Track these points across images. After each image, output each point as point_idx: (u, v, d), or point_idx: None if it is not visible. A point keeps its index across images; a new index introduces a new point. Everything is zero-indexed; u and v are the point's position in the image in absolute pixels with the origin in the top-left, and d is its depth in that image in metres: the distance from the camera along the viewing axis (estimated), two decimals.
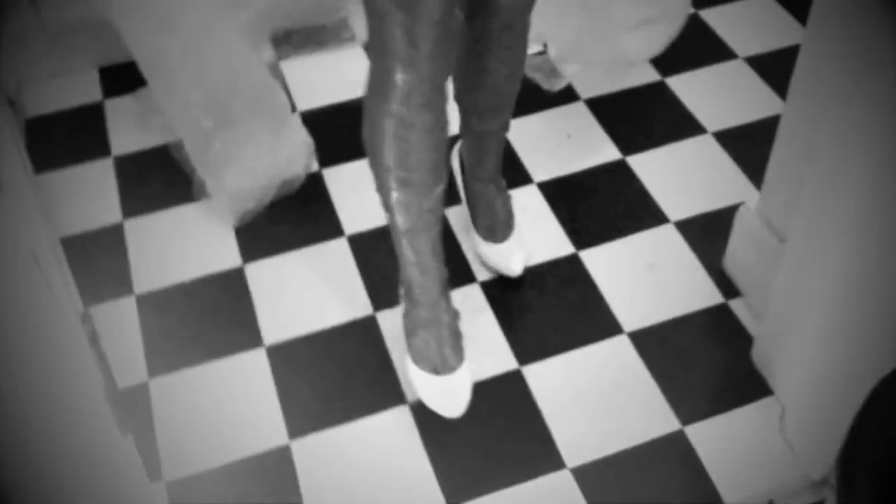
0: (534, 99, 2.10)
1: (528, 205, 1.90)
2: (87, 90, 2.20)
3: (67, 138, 2.09)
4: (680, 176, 1.95)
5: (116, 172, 2.00)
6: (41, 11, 2.10)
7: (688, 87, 2.12)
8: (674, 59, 2.18)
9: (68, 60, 2.22)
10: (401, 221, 1.47)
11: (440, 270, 1.54)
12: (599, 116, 2.06)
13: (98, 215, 1.92)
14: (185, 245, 1.86)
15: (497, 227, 1.76)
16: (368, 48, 1.36)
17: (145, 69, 1.85)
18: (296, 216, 1.89)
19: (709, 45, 2.23)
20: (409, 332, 1.57)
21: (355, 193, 1.92)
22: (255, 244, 1.85)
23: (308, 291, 1.76)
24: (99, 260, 1.84)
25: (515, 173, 1.95)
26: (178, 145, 1.97)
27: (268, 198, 1.90)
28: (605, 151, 1.99)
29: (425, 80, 1.29)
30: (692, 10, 2.29)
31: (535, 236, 1.84)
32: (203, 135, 1.83)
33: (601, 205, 1.89)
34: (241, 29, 1.96)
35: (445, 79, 1.34)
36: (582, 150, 2.00)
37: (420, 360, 1.56)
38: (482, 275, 1.78)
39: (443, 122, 1.38)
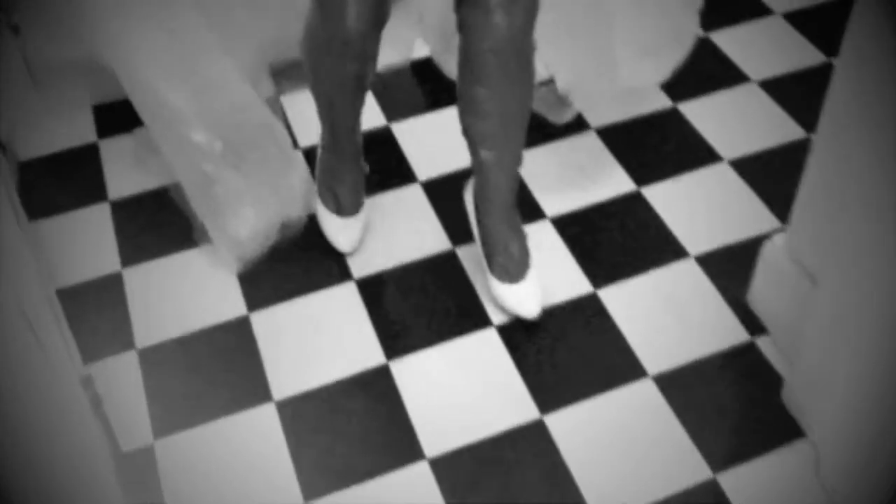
0: (542, 130, 2.04)
1: (541, 241, 1.83)
2: (81, 130, 2.12)
3: (62, 182, 2.01)
4: (697, 206, 1.88)
5: (114, 217, 1.93)
6: (27, 50, 2.03)
7: (701, 114, 2.06)
8: (685, 84, 2.12)
9: (61, 99, 2.15)
10: (321, 113, 1.70)
11: (355, 140, 1.75)
12: (611, 146, 2.00)
13: (96, 264, 1.85)
14: (187, 293, 1.79)
15: (512, 267, 1.70)
16: None
17: (141, 110, 1.78)
18: (300, 259, 1.82)
19: (720, 68, 2.17)
20: (321, 178, 1.81)
21: (362, 235, 1.86)
22: (260, 291, 1.78)
23: (317, 341, 1.69)
24: (98, 312, 1.77)
25: (527, 208, 1.88)
26: (178, 187, 1.90)
27: (270, 240, 1.83)
28: (619, 183, 1.93)
29: (354, 36, 1.48)
30: (701, 33, 2.23)
31: (550, 274, 1.77)
32: (203, 177, 1.77)
33: (618, 239, 1.83)
34: (240, 64, 1.89)
35: (369, 36, 1.50)
36: (595, 182, 1.93)
37: (326, 201, 1.82)
38: (498, 318, 1.71)
39: (367, 61, 1.55)
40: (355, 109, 1.68)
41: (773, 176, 1.92)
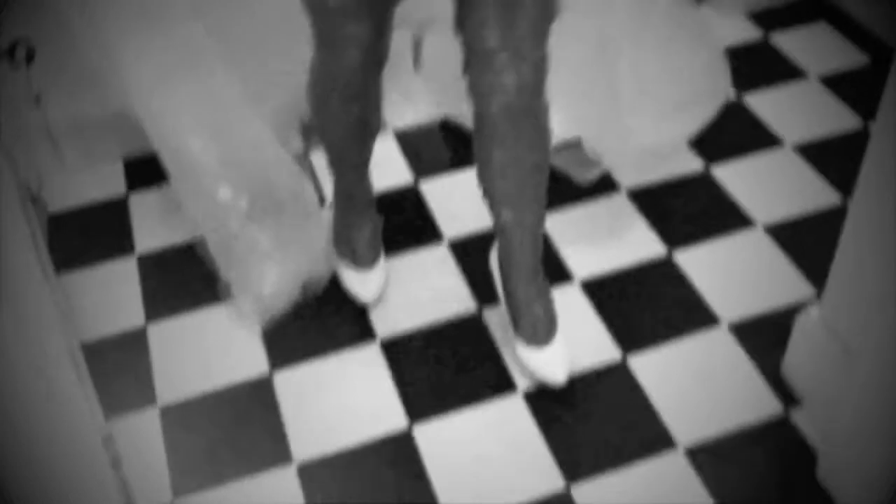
0: (571, 190, 2.02)
1: (569, 305, 1.80)
2: (111, 183, 2.14)
3: (90, 235, 2.02)
4: (730, 273, 1.84)
5: (140, 272, 1.93)
6: (48, 117, 2.05)
7: (734, 177, 2.03)
8: (717, 146, 2.09)
9: (91, 153, 2.17)
10: (331, 165, 1.72)
11: (367, 190, 1.78)
12: (641, 208, 1.97)
13: (120, 319, 1.84)
14: (210, 350, 1.77)
15: (538, 330, 1.66)
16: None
17: (168, 165, 1.79)
18: (324, 317, 1.80)
19: (753, 131, 2.14)
20: (336, 229, 1.82)
21: (387, 295, 1.84)
22: (282, 349, 1.76)
23: (340, 403, 1.66)
24: (121, 368, 1.75)
25: (554, 270, 1.86)
26: (204, 242, 1.90)
27: (294, 298, 1.81)
28: (649, 246, 1.90)
29: (353, 79, 1.51)
30: (733, 94, 2.21)
31: (578, 339, 1.73)
32: (227, 234, 1.76)
33: (648, 305, 1.79)
34: (268, 120, 1.90)
35: (373, 76, 1.53)
36: (625, 245, 1.90)
37: (343, 255, 1.82)
38: (523, 383, 1.68)
39: (371, 109, 1.59)
40: (363, 157, 1.69)
41: (808, 243, 1.88)
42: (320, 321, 1.80)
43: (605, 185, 2.03)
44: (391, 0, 1.45)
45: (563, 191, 2.01)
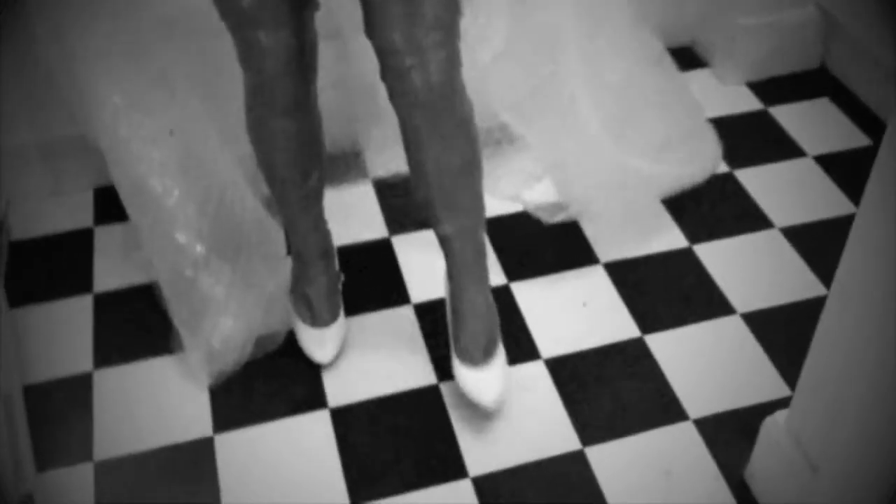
0: (547, 258, 1.94)
1: (532, 384, 1.72)
2: (79, 213, 2.08)
3: (50, 267, 1.96)
4: (703, 364, 1.75)
5: (95, 312, 1.86)
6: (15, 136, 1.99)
7: (717, 257, 1.95)
8: (702, 224, 2.01)
9: (62, 180, 2.11)
10: (279, 207, 1.67)
11: (321, 240, 1.71)
12: (618, 283, 1.90)
13: (69, 361, 1.77)
14: (155, 405, 1.70)
15: (474, 349, 1.61)
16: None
17: (126, 201, 1.72)
18: (275, 377, 1.73)
19: (741, 208, 2.06)
20: (293, 282, 1.75)
21: (344, 357, 1.76)
22: (228, 410, 1.68)
23: (281, 475, 1.59)
24: (63, 414, 1.68)
25: (520, 344, 1.78)
26: (159, 286, 1.83)
27: (246, 354, 1.74)
28: (622, 327, 1.82)
29: (275, 90, 1.47)
30: (722, 163, 2.13)
31: (536, 423, 1.66)
32: (183, 282, 1.69)
33: (615, 393, 1.71)
34: (240, 162, 1.83)
35: (299, 88, 1.48)
36: (597, 323, 1.82)
37: (299, 310, 1.74)
38: (475, 469, 1.60)
39: (302, 126, 1.53)
40: (308, 191, 1.62)
41: (786, 336, 1.79)
42: (272, 381, 1.73)
43: (584, 254, 1.95)
44: (303, 7, 1.42)
45: (540, 259, 1.94)
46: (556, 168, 2.02)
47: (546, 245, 1.97)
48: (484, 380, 1.62)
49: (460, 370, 1.63)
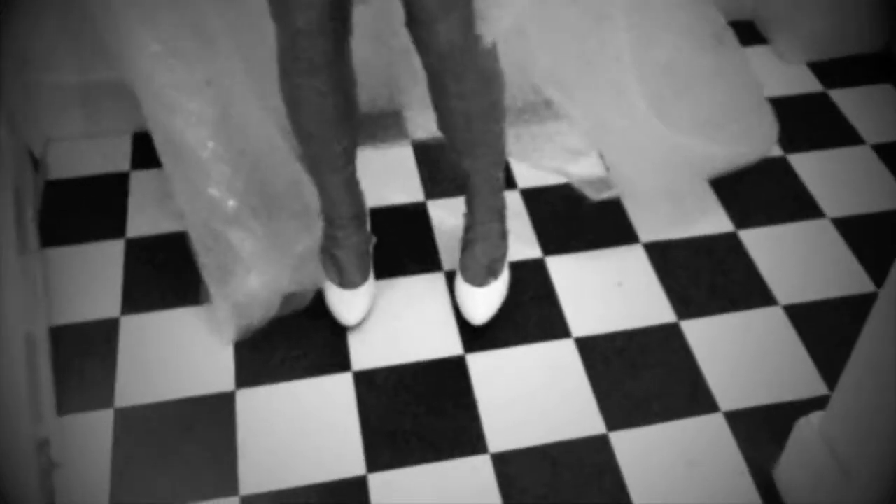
0: (586, 234, 1.89)
1: (562, 364, 1.68)
2: (116, 157, 2.06)
3: (84, 209, 1.95)
4: (740, 354, 1.70)
5: (126, 257, 1.85)
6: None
7: (764, 247, 1.88)
8: (751, 209, 1.94)
9: (102, 121, 2.10)
10: (309, 167, 1.67)
11: (352, 202, 1.70)
12: (657, 265, 1.84)
13: (97, 306, 1.77)
14: (178, 356, 1.69)
15: (473, 271, 1.71)
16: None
17: (160, 150, 1.69)
18: (301, 338, 1.71)
19: (791, 195, 1.98)
20: (323, 242, 1.73)
21: (371, 321, 1.74)
22: (251, 367, 1.67)
23: (299, 437, 1.57)
24: (86, 360, 1.68)
25: (551, 320, 1.74)
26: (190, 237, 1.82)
27: (273, 312, 1.72)
28: (657, 311, 1.76)
29: (307, 47, 1.45)
30: (779, 151, 2.05)
31: (561, 404, 1.61)
32: (212, 235, 1.67)
33: (644, 379, 1.66)
34: (274, 116, 1.79)
35: (331, 46, 1.46)
36: (632, 305, 1.77)
37: (328, 271, 1.72)
38: (495, 444, 1.57)
39: (334, 84, 1.52)
40: (341, 151, 1.63)
41: (828, 332, 1.73)
42: (297, 340, 1.71)
43: (624, 233, 1.90)
44: None
45: (574, 228, 1.89)
46: (603, 144, 1.96)
47: (585, 220, 1.92)
48: (476, 299, 1.70)
49: (461, 286, 1.72)
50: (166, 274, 1.82)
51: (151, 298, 1.78)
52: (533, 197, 1.96)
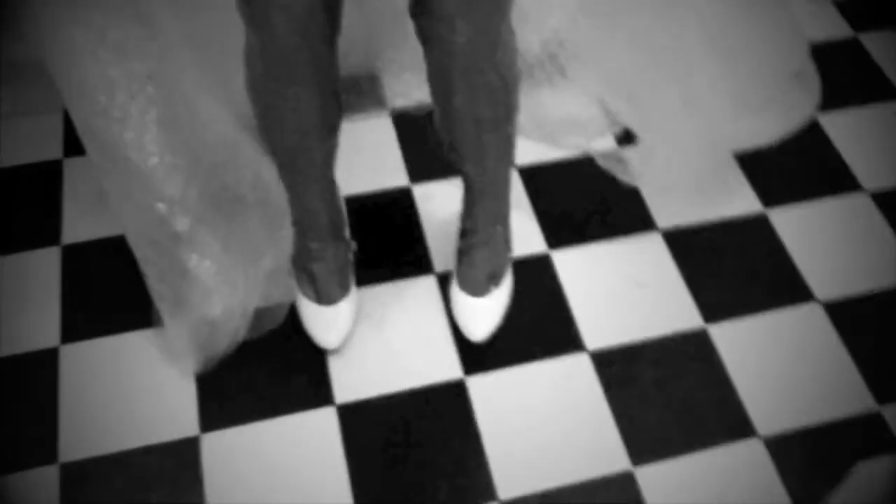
0: (595, 219, 1.65)
1: (576, 385, 1.46)
2: (49, 142, 1.77)
3: (10, 210, 1.67)
4: (779, 369, 1.48)
5: (63, 269, 1.59)
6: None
7: (797, 231, 1.65)
8: (783, 188, 1.70)
9: (29, 98, 1.79)
10: (282, 176, 1.42)
11: (330, 211, 1.46)
12: (679, 256, 1.61)
13: (31, 332, 1.51)
14: (130, 394, 1.45)
15: (471, 281, 1.49)
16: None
17: (93, 159, 1.40)
18: (275, 364, 1.47)
19: (824, 166, 1.75)
20: (296, 252, 1.50)
21: (354, 340, 1.50)
22: (219, 403, 1.43)
23: (277, 484, 1.35)
24: (24, 410, 1.43)
25: (562, 333, 1.52)
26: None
27: (241, 335, 1.48)
28: (682, 314, 1.54)
29: (287, 55, 1.20)
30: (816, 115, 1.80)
31: (577, 436, 1.40)
32: (163, 258, 1.41)
33: (669, 399, 1.45)
34: (231, 102, 1.51)
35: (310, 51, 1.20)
36: (653, 309, 1.55)
37: (302, 286, 1.49)
38: (506, 492, 1.36)
39: (318, 93, 1.26)
40: (319, 163, 1.38)
41: (874, 333, 1.52)
42: (270, 368, 1.47)
43: (642, 221, 1.66)
44: None
45: (593, 223, 1.65)
46: (625, 112, 1.70)
47: (595, 204, 1.67)
48: (475, 312, 1.48)
49: (457, 297, 1.49)
50: (111, 288, 1.56)
51: (96, 320, 1.52)
52: (533, 177, 1.71)
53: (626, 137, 1.75)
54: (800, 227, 1.65)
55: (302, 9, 1.15)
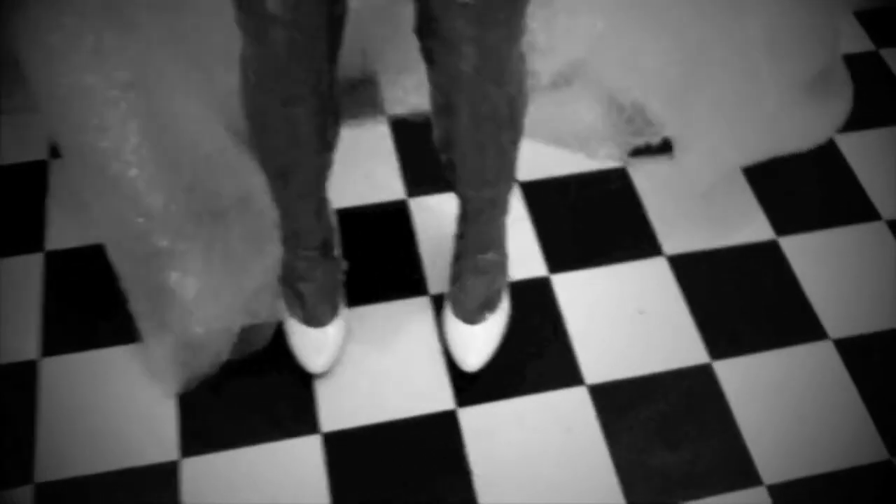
0: (598, 240, 1.58)
1: (574, 422, 1.40)
2: (32, 142, 1.70)
3: None
4: (787, 411, 1.41)
5: (46, 277, 1.53)
6: None
7: (809, 254, 1.58)
8: (795, 214, 1.63)
9: (13, 94, 1.73)
10: (273, 191, 1.35)
11: (321, 229, 1.39)
12: (685, 284, 1.54)
13: (9, 343, 1.46)
14: (110, 413, 1.39)
15: (464, 307, 1.42)
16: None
17: (71, 170, 1.33)
18: (259, 387, 1.42)
19: (840, 189, 1.67)
20: (284, 270, 1.43)
21: (343, 364, 1.44)
22: (199, 426, 1.38)
23: None
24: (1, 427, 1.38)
25: (562, 360, 1.45)
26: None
27: (224, 355, 1.42)
28: (685, 348, 1.48)
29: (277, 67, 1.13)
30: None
31: (574, 478, 1.34)
32: (142, 275, 1.34)
33: (674, 443, 1.38)
34: (218, 106, 1.44)
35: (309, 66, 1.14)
36: (655, 340, 1.48)
37: (290, 305, 1.43)
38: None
39: (319, 108, 1.20)
40: (312, 180, 1.32)
41: (885, 376, 1.46)
42: (254, 391, 1.42)
43: (648, 244, 1.59)
44: None
45: (593, 234, 1.59)
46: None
47: (598, 223, 1.61)
48: (469, 340, 1.42)
49: (450, 323, 1.44)
50: (94, 298, 1.50)
51: (77, 333, 1.46)
52: (534, 192, 1.65)
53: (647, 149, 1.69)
54: (813, 258, 1.58)
55: (307, 27, 1.08)
